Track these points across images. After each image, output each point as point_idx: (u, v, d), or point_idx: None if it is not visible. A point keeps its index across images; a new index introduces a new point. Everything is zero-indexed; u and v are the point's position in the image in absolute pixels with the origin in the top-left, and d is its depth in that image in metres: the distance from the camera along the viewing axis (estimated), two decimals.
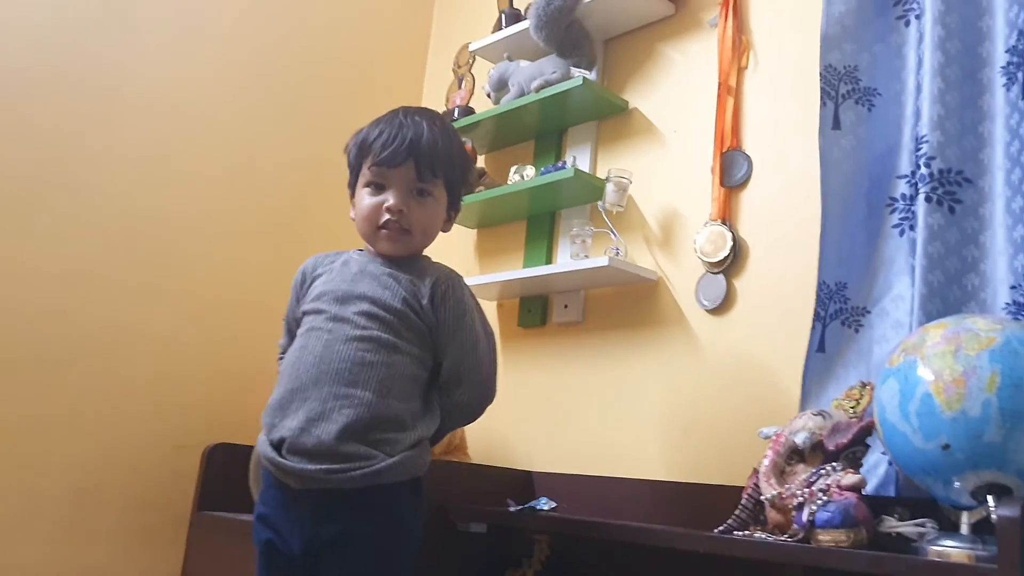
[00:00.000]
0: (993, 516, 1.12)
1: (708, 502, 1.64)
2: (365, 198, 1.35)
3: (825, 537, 1.24)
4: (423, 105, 2.72)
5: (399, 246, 1.35)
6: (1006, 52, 1.48)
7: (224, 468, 2.10)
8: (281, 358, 1.43)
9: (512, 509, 1.82)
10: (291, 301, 1.44)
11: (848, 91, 1.66)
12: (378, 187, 1.34)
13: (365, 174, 1.36)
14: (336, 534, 1.22)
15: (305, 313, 1.35)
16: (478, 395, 1.38)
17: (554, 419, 2.11)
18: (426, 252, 1.43)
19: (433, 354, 1.34)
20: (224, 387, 2.23)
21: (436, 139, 1.35)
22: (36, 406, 1.97)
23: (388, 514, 1.25)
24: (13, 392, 1.94)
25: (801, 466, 1.35)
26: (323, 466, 1.20)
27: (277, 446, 1.25)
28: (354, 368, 1.25)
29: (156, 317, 2.17)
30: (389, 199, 1.33)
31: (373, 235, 1.36)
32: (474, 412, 1.39)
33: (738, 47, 1.94)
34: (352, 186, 1.41)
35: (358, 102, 2.60)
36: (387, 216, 1.33)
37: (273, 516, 1.26)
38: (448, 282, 1.35)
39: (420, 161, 1.33)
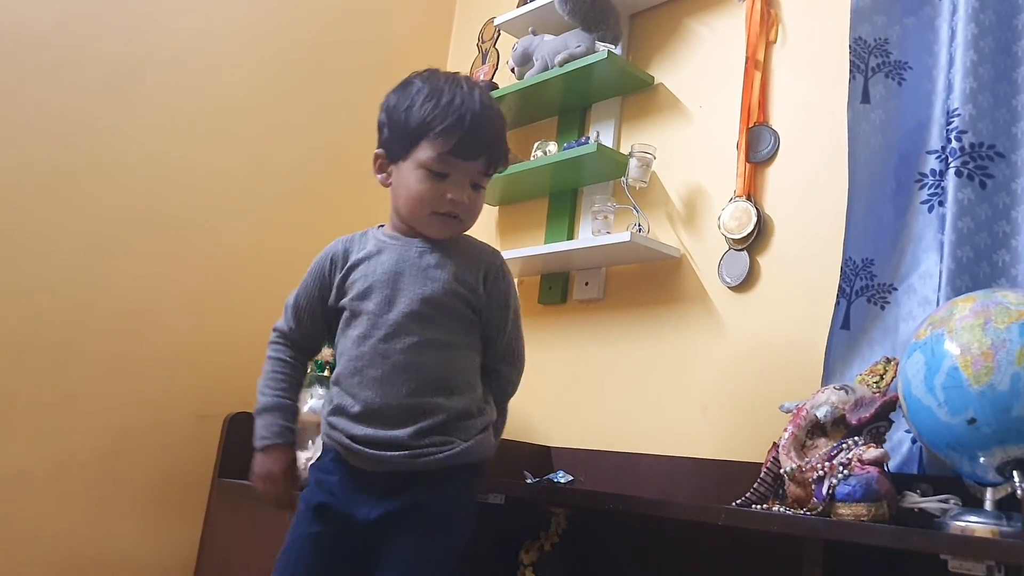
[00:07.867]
0: (1018, 492, 1.11)
1: (728, 478, 1.63)
2: (422, 181, 1.26)
3: (845, 511, 1.22)
4: None
5: (450, 232, 1.31)
6: None
7: (244, 436, 2.08)
8: (276, 342, 1.38)
9: (529, 481, 1.82)
10: (312, 287, 1.35)
11: (878, 64, 1.63)
12: (439, 176, 1.26)
13: (426, 156, 1.25)
14: (405, 506, 1.22)
15: (350, 311, 1.29)
16: (520, 368, 1.39)
17: (574, 396, 2.11)
18: None
19: (480, 336, 1.32)
20: (245, 357, 2.23)
21: (503, 135, 1.33)
22: (60, 375, 1.99)
23: (457, 492, 1.26)
24: (38, 362, 1.96)
25: (822, 440, 1.33)
26: (403, 452, 1.21)
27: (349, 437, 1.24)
28: (418, 376, 1.23)
29: (178, 288, 2.18)
30: (452, 191, 1.26)
31: (423, 219, 1.29)
32: (517, 385, 1.39)
33: (766, 21, 1.91)
34: (391, 152, 1.31)
35: (381, 76, 2.55)
36: (449, 208, 1.27)
37: (336, 486, 1.25)
38: (498, 265, 1.35)
39: (492, 160, 1.30)
